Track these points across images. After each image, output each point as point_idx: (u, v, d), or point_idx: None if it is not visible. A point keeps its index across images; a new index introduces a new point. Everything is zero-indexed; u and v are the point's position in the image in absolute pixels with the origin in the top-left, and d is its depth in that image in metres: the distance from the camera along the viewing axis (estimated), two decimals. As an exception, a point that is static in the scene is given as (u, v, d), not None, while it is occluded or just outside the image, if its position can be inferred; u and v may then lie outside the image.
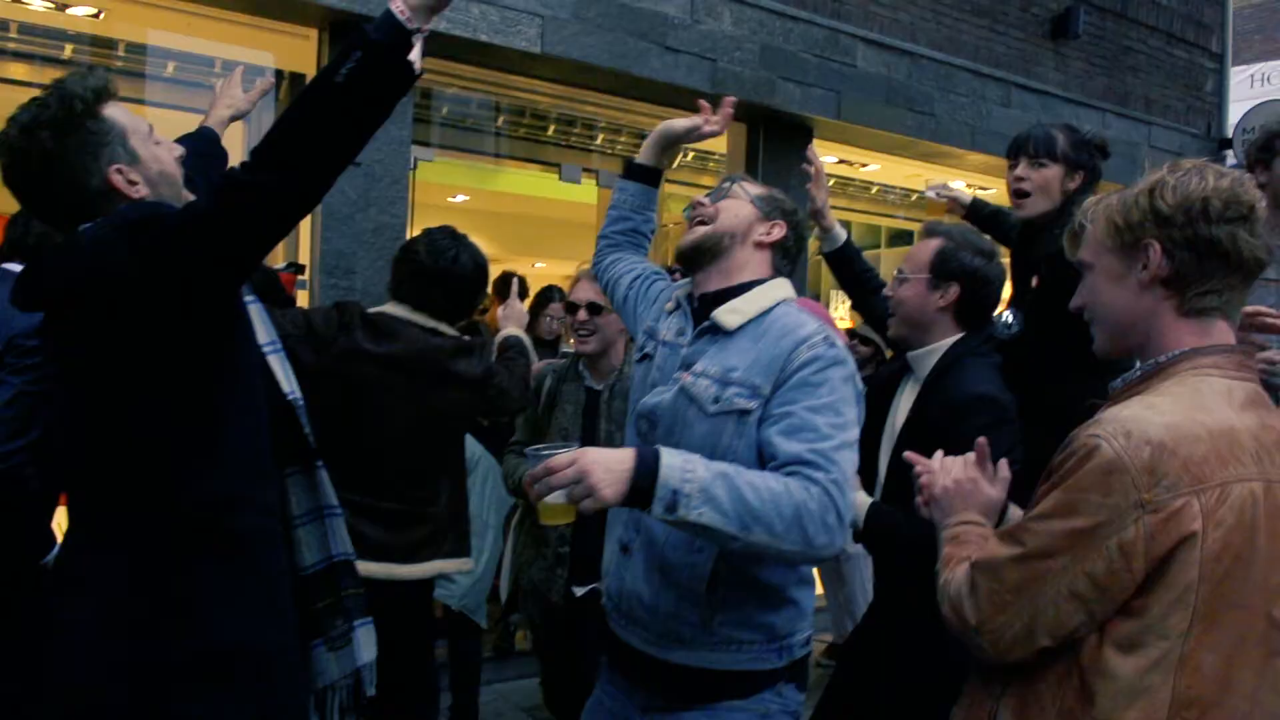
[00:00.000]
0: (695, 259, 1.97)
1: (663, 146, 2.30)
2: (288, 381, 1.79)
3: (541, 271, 9.25)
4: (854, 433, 1.77)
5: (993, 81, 6.29)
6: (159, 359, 1.55)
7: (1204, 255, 1.37)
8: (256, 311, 1.76)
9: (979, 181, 7.02)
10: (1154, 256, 1.39)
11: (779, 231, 1.97)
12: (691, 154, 6.44)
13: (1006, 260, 2.58)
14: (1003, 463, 1.67)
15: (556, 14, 4.59)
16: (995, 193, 6.49)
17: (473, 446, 3.66)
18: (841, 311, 7.46)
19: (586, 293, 2.90)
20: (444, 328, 2.66)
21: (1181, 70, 7.57)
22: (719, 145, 5.95)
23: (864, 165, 6.97)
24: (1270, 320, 2.01)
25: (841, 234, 2.90)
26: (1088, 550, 1.31)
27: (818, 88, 5.47)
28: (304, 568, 1.80)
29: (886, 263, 7.84)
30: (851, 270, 2.92)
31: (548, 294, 4.98)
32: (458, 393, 2.61)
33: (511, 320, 3.05)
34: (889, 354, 3.82)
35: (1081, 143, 2.79)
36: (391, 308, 2.65)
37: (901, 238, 8.45)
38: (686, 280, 2.08)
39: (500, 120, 5.95)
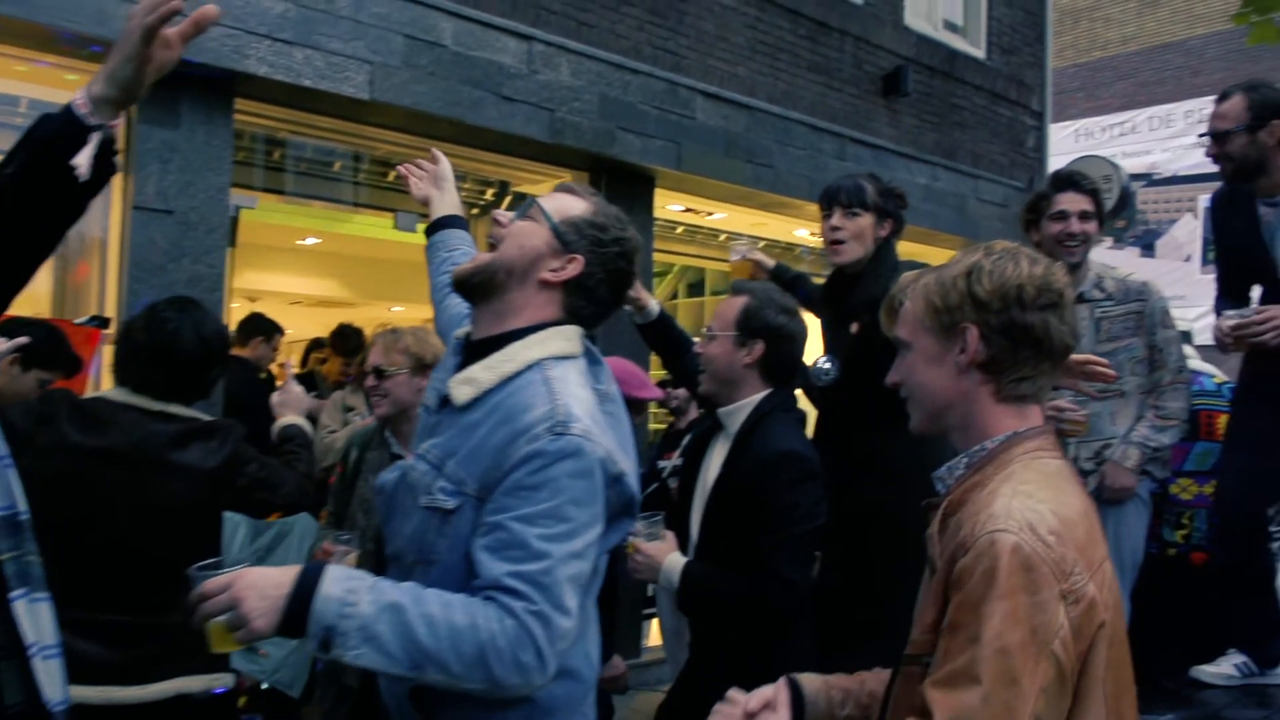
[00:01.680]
0: (466, 293, 1.65)
1: (438, 206, 2.26)
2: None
3: (399, 315, 8.97)
4: (582, 540, 1.48)
5: (828, 135, 6.51)
6: None
7: (1018, 341, 1.37)
8: None
9: (820, 230, 7.23)
10: (971, 341, 1.39)
11: (574, 268, 1.61)
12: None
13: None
14: (781, 682, 1.58)
15: (386, 61, 4.50)
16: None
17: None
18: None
19: (376, 357, 2.79)
20: (175, 409, 2.38)
21: (1005, 127, 8.03)
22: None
23: (710, 214, 7.08)
24: (1099, 369, 2.03)
25: (655, 308, 2.91)
26: (1038, 661, 1.20)
27: (658, 139, 5.54)
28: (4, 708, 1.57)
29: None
30: (667, 337, 2.93)
31: (383, 344, 4.83)
32: (187, 485, 2.31)
33: (289, 407, 2.68)
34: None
35: (887, 191, 2.89)
36: (112, 392, 2.38)
37: (751, 283, 8.59)
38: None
39: (338, 165, 5.80)
